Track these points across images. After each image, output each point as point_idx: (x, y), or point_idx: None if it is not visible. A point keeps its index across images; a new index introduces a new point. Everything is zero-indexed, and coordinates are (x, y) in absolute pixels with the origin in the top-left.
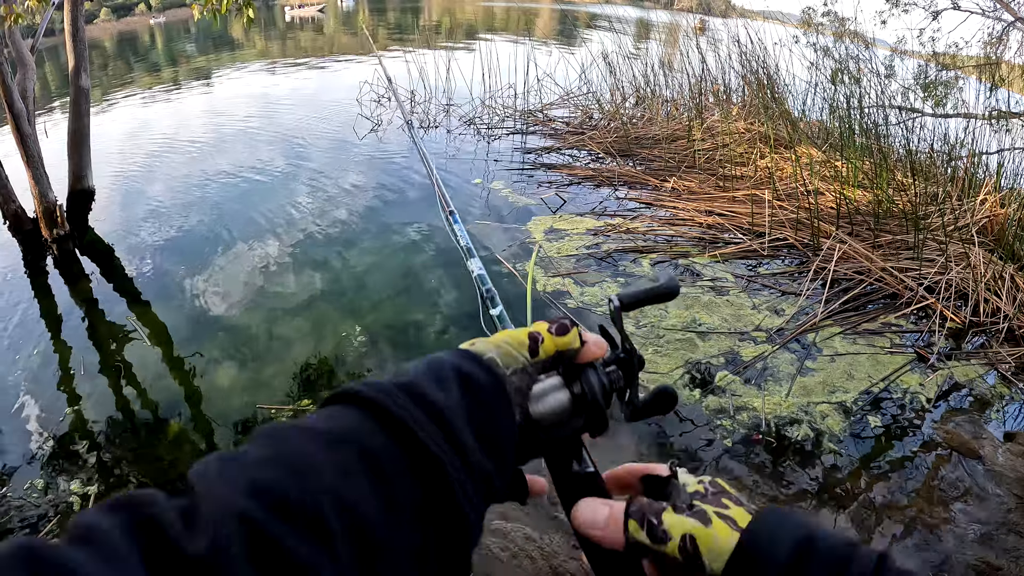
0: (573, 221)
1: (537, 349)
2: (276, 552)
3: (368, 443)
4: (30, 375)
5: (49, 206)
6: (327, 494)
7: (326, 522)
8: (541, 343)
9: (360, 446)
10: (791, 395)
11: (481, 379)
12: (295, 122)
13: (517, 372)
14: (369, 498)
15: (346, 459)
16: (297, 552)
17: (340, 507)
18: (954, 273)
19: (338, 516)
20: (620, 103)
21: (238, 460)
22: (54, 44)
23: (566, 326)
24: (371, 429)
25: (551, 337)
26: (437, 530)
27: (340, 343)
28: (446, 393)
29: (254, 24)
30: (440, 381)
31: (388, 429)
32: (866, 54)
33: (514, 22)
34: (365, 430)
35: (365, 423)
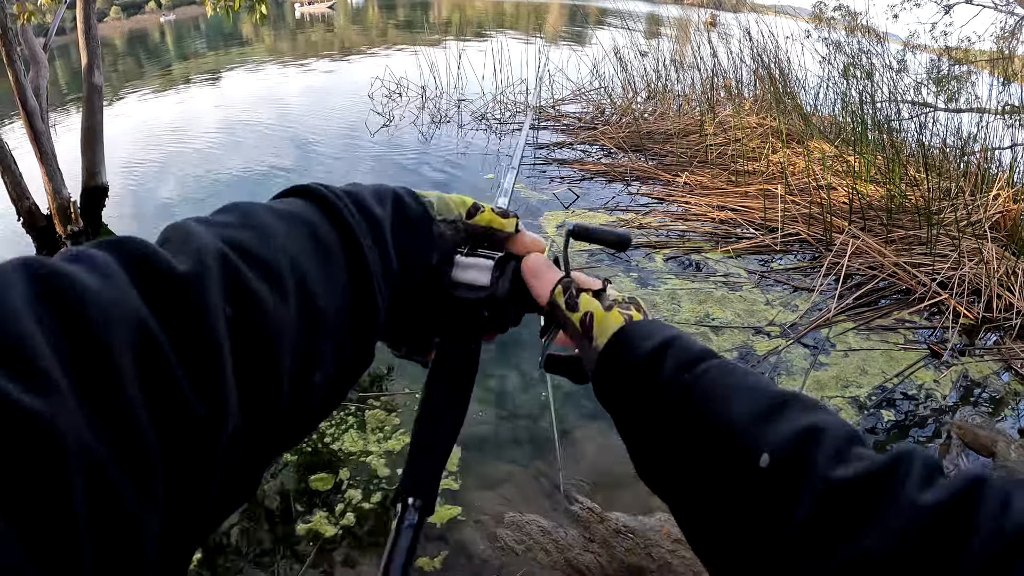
0: (585, 216)
1: (475, 214)
2: (244, 285)
3: (317, 227)
4: None
5: (63, 203)
6: (285, 257)
7: (282, 277)
8: (481, 212)
9: (311, 228)
10: (804, 390)
11: (412, 209)
12: (307, 118)
13: (447, 222)
14: (315, 269)
15: (300, 235)
16: (260, 291)
17: (293, 268)
18: (967, 269)
19: (291, 275)
20: (632, 98)
21: (211, 221)
22: (66, 42)
23: (507, 213)
24: (320, 218)
25: (492, 213)
26: (356, 308)
27: None
28: (382, 207)
29: (265, 20)
30: (380, 198)
31: (332, 221)
32: (878, 48)
33: (524, 18)
34: (316, 218)
35: (316, 213)
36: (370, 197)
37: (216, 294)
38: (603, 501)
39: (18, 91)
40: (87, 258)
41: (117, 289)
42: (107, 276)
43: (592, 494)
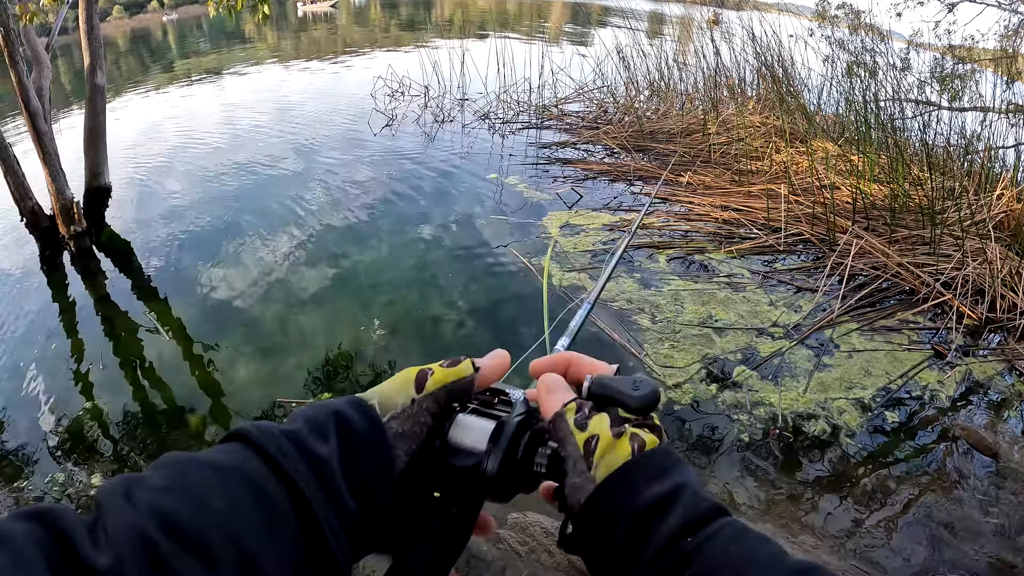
0: (589, 216)
1: (424, 383)
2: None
3: (258, 483)
4: (48, 370)
5: (66, 203)
6: (215, 523)
7: (210, 547)
8: (431, 375)
9: (251, 486)
10: (808, 391)
11: (359, 427)
12: (309, 118)
13: (398, 416)
14: (256, 533)
15: (236, 490)
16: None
17: (230, 538)
18: (971, 269)
19: (223, 542)
20: (634, 97)
21: (142, 484)
22: (68, 42)
23: (457, 360)
24: (263, 472)
25: (441, 369)
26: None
27: (358, 336)
28: (325, 441)
29: (268, 20)
30: (321, 430)
31: (275, 472)
32: (881, 47)
33: (527, 16)
34: (258, 472)
35: (258, 465)
36: (312, 433)
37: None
38: None
39: (21, 92)
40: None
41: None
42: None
43: None
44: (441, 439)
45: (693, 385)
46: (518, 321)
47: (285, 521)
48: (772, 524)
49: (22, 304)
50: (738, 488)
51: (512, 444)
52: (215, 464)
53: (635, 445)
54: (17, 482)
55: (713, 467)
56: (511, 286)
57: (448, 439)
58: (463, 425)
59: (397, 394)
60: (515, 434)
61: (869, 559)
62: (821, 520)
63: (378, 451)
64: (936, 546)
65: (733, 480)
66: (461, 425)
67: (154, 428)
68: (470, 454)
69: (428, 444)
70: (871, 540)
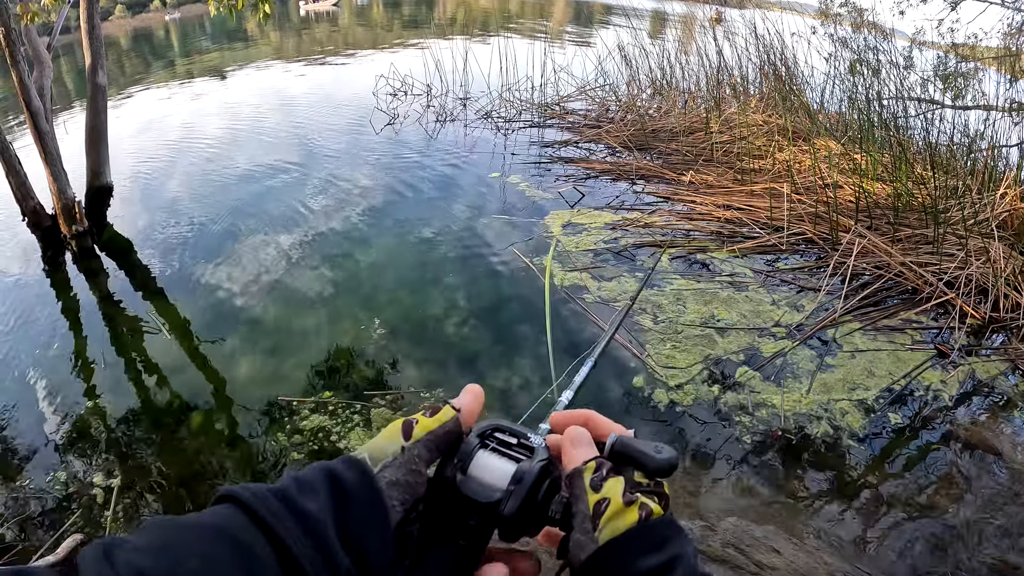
0: (591, 215)
1: (411, 431)
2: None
3: (240, 538)
4: (50, 369)
5: (68, 203)
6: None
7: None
8: (416, 424)
9: (231, 540)
10: (811, 392)
11: (347, 478)
12: (311, 117)
13: (388, 466)
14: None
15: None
16: None
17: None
18: (974, 268)
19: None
20: (636, 95)
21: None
22: (70, 42)
23: (437, 407)
24: (252, 533)
25: (424, 418)
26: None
27: (359, 336)
28: (315, 496)
29: (269, 19)
30: (311, 486)
31: (260, 528)
32: (884, 45)
33: (529, 15)
34: (239, 527)
35: (247, 527)
36: (302, 491)
37: None
38: None
39: (22, 92)
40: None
41: None
42: None
43: None
44: (462, 472)
45: (695, 386)
46: (519, 321)
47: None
48: (774, 526)
49: (24, 303)
50: (740, 490)
51: (533, 489)
52: (197, 525)
53: (643, 514)
54: (19, 481)
55: (715, 469)
56: (513, 286)
57: (468, 473)
58: (484, 462)
59: (387, 444)
60: (537, 479)
61: (871, 561)
62: (823, 522)
63: (371, 502)
64: (939, 547)
65: (735, 482)
66: (482, 462)
67: (156, 426)
68: (489, 490)
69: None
70: (873, 542)
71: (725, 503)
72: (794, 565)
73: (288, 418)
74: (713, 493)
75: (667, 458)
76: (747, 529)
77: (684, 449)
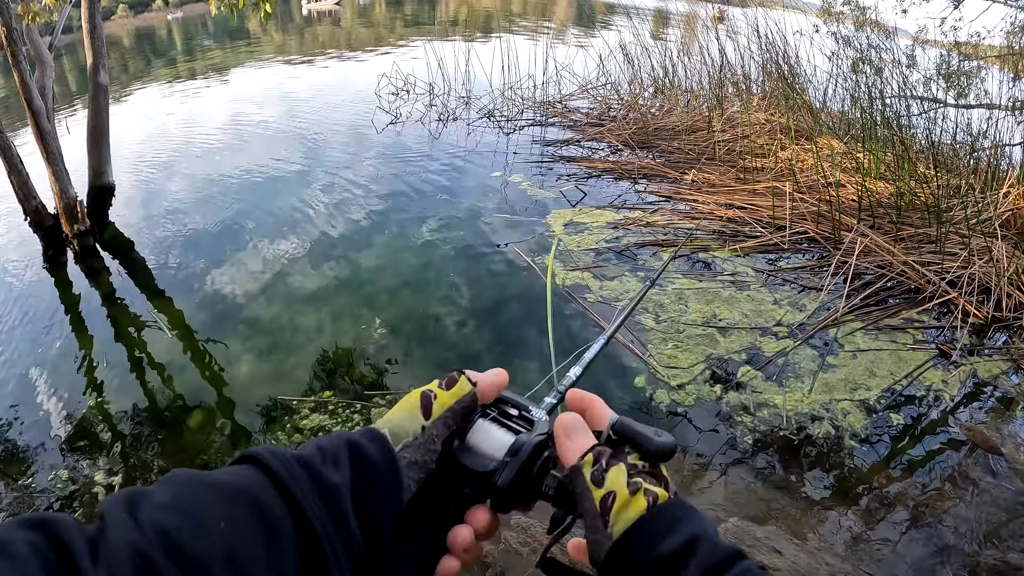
0: (593, 214)
1: (431, 408)
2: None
3: (266, 507)
4: (52, 367)
5: (70, 202)
6: (217, 546)
7: (210, 573)
8: (434, 400)
9: (259, 509)
10: (813, 392)
11: (372, 457)
12: (313, 116)
13: (409, 446)
14: (255, 551)
15: (245, 519)
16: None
17: (227, 558)
18: (977, 267)
19: (224, 568)
20: (639, 94)
21: (147, 499)
22: (72, 41)
23: (454, 378)
24: (272, 495)
25: (442, 392)
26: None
27: (360, 335)
28: (338, 469)
29: (271, 19)
30: (335, 458)
31: (284, 498)
32: (887, 43)
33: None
34: (266, 496)
35: (267, 489)
36: (325, 462)
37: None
38: None
39: (24, 91)
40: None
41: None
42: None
43: None
44: (460, 439)
45: (697, 386)
46: (521, 320)
47: (287, 546)
48: (776, 526)
49: (27, 302)
50: (742, 490)
51: (528, 462)
52: (222, 484)
53: (650, 499)
54: (22, 479)
55: (716, 469)
56: (514, 285)
57: (466, 441)
58: (483, 431)
59: (408, 422)
60: (532, 454)
61: (873, 561)
62: (825, 522)
63: (390, 482)
64: (941, 547)
65: (737, 482)
66: (481, 431)
67: (158, 425)
68: (485, 460)
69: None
70: (875, 542)
71: (726, 503)
72: (796, 566)
73: (288, 417)
74: (714, 493)
75: (667, 441)
76: (748, 530)
77: (685, 449)
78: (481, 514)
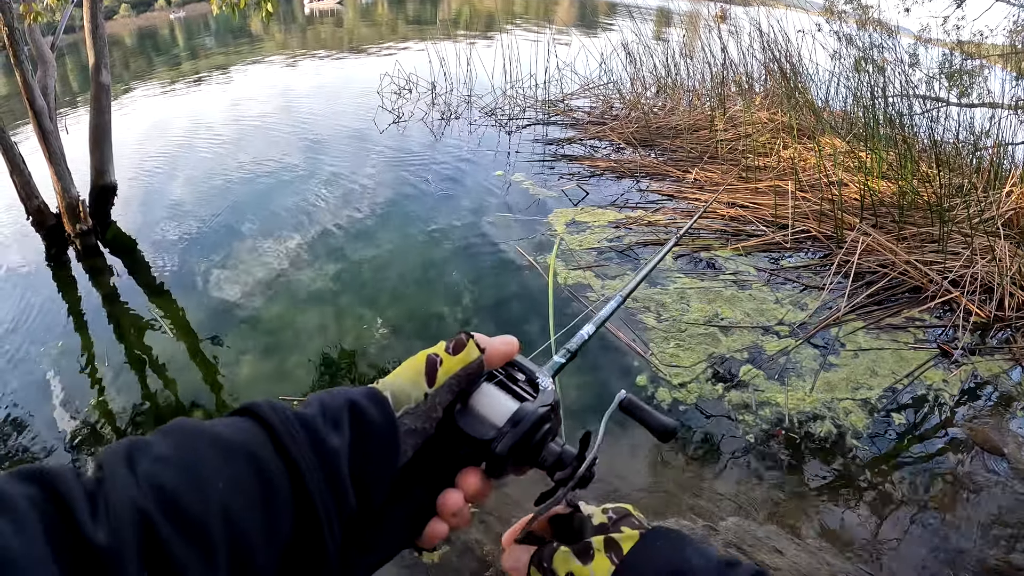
0: (595, 213)
1: (435, 374)
2: (163, 553)
3: (264, 464)
4: (54, 367)
5: (72, 202)
6: (215, 507)
7: (210, 534)
8: (440, 365)
9: (256, 466)
10: (814, 391)
11: (373, 419)
12: (315, 116)
13: (410, 412)
14: (253, 519)
15: (242, 477)
16: (180, 556)
17: (227, 523)
18: (979, 266)
19: (222, 528)
20: (641, 93)
21: (145, 452)
22: (74, 41)
23: (462, 342)
24: (269, 452)
25: (449, 357)
26: (301, 551)
27: (361, 335)
28: (338, 432)
29: (273, 18)
30: (335, 420)
31: (282, 457)
32: (890, 42)
33: (533, 13)
34: (264, 452)
35: (265, 445)
36: (326, 423)
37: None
38: (611, 501)
39: (26, 91)
40: (6, 508)
41: (33, 554)
42: (25, 536)
43: (603, 496)
44: (462, 403)
45: (699, 384)
46: (523, 319)
47: (283, 509)
48: (777, 526)
49: (29, 302)
50: (744, 489)
51: (528, 434)
52: (220, 438)
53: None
54: None
55: (718, 468)
56: (516, 284)
57: (469, 404)
58: (487, 396)
59: (411, 387)
60: (533, 426)
61: (874, 561)
62: (826, 522)
63: (388, 448)
64: (942, 547)
65: (739, 481)
66: (485, 395)
67: (160, 423)
68: (485, 427)
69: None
70: (876, 542)
71: (727, 502)
72: (797, 565)
73: None
74: (715, 492)
75: (670, 422)
76: (749, 529)
77: (687, 448)
78: (472, 478)
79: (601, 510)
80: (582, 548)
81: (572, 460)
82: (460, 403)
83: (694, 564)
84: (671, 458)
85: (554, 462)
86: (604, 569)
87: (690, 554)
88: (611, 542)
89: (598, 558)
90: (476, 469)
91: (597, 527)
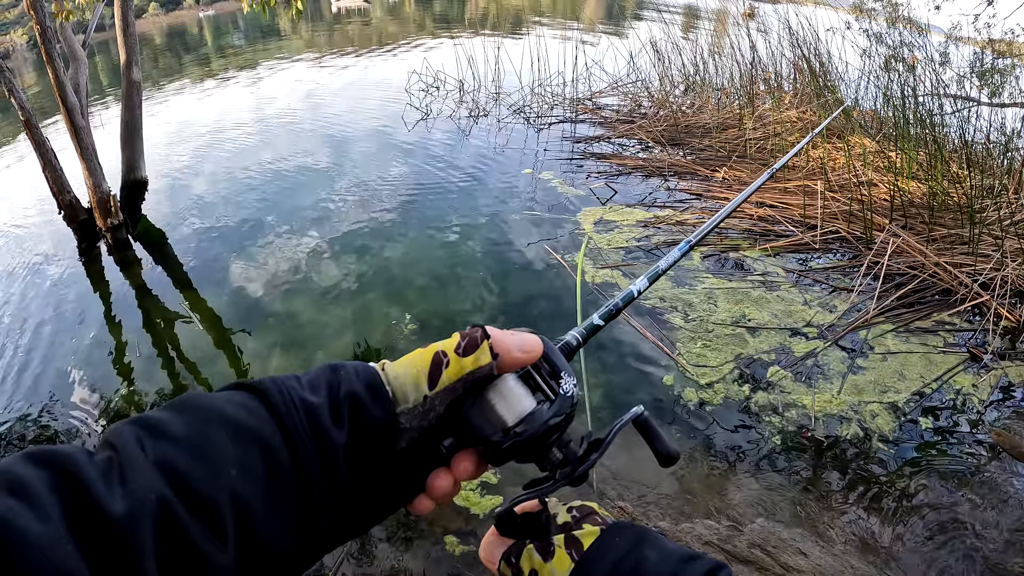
0: (623, 212)
1: (439, 376)
2: (179, 532)
3: (273, 452)
4: (86, 358)
5: (103, 196)
6: (227, 493)
7: (223, 521)
8: (446, 367)
9: (266, 453)
10: (841, 393)
11: (372, 417)
12: (342, 114)
13: (406, 413)
14: (263, 504)
15: (253, 463)
16: (198, 542)
17: (238, 508)
18: (1010, 270)
19: (234, 515)
20: (669, 91)
21: (158, 432)
22: (105, 39)
23: (475, 341)
24: (278, 441)
25: (457, 359)
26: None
27: (389, 330)
28: (339, 427)
29: (301, 16)
30: (339, 415)
31: (288, 446)
32: (920, 40)
33: (561, 11)
34: (274, 440)
35: (274, 432)
36: (331, 414)
37: (149, 549)
38: (635, 500)
39: (58, 88)
40: (24, 493)
41: (53, 535)
42: (44, 519)
43: (624, 494)
44: (475, 394)
45: (725, 385)
46: (550, 318)
47: (288, 498)
48: (802, 528)
49: (61, 294)
50: (768, 491)
51: (537, 440)
52: (232, 422)
53: (572, 552)
54: None
55: (744, 469)
56: (544, 283)
57: (483, 394)
58: (505, 389)
59: (411, 387)
60: (545, 433)
61: (899, 566)
62: (851, 525)
63: (386, 447)
64: (967, 555)
65: (764, 483)
66: (503, 388)
67: None
68: (494, 423)
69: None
70: (900, 547)
71: (753, 503)
72: (820, 568)
73: None
74: (741, 493)
75: (675, 449)
76: (774, 530)
77: (712, 448)
78: (467, 463)
79: (566, 509)
80: (545, 546)
81: (574, 459)
82: (472, 396)
83: (650, 558)
84: (696, 458)
85: (557, 464)
86: (564, 565)
87: (647, 549)
88: (572, 539)
89: (559, 554)
90: (472, 453)
91: (561, 526)
